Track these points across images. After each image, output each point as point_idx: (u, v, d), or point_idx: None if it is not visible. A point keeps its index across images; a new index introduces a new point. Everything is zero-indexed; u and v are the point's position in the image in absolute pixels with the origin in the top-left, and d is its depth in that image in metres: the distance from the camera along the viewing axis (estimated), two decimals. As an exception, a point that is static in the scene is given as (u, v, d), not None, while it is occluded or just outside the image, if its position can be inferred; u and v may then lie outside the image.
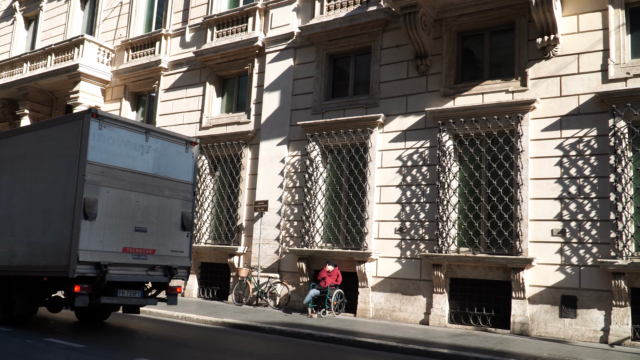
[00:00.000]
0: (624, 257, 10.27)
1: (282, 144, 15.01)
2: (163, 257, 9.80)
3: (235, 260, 15.29)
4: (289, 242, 14.55)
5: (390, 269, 12.89)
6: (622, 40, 11.05)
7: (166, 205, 9.97)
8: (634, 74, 10.78)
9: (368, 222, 13.23)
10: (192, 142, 10.61)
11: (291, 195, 14.71)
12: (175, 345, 8.92)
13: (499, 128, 11.90)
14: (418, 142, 12.97)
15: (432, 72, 13.03)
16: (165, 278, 9.85)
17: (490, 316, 11.67)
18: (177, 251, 10.06)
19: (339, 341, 9.85)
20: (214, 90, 17.12)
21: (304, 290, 13.89)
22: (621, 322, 10.22)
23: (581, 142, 11.12)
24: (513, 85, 12.00)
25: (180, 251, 10.11)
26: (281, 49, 15.55)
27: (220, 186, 16.46)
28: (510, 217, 11.60)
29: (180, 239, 10.17)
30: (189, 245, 10.35)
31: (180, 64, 17.98)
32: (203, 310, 13.06)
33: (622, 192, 10.47)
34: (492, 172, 12.00)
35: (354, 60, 14.60)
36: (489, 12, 12.39)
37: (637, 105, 10.51)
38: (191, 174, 10.50)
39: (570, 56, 11.47)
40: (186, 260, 10.22)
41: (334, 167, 14.26)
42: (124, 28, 19.97)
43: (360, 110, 13.92)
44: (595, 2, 11.39)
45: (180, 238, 10.18)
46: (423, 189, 12.74)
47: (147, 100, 19.22)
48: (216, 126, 16.67)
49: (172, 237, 10.05)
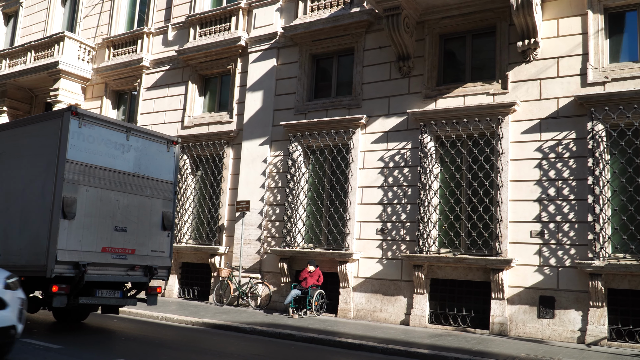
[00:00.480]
0: (601, 259, 10.42)
1: (265, 144, 14.98)
2: (143, 257, 9.73)
3: (216, 260, 15.23)
4: (270, 242, 14.53)
5: (372, 270, 12.94)
6: (600, 44, 11.22)
7: (147, 204, 9.89)
8: (612, 78, 10.94)
9: (350, 223, 13.26)
10: (173, 141, 10.55)
11: (273, 195, 14.69)
12: (155, 345, 8.86)
13: (479, 130, 12.01)
14: (400, 144, 13.03)
15: (415, 73, 13.11)
16: (145, 278, 9.77)
17: (470, 316, 11.77)
18: (158, 251, 9.99)
19: (320, 341, 9.86)
20: (196, 89, 17.03)
21: (285, 290, 13.87)
22: (598, 322, 10.37)
23: (560, 145, 11.27)
24: (494, 87, 12.12)
25: (160, 251, 10.04)
26: (264, 48, 15.52)
27: (201, 186, 16.38)
28: (490, 219, 11.71)
29: (160, 238, 10.10)
30: (170, 245, 10.29)
31: (163, 63, 17.86)
32: (183, 310, 12.98)
33: (600, 195, 10.63)
34: (472, 174, 12.10)
35: (337, 61, 14.63)
36: (471, 15, 12.49)
37: (615, 109, 10.67)
38: (172, 174, 10.44)
39: (550, 60, 11.62)
40: (167, 260, 10.15)
41: (316, 168, 14.27)
42: (106, 25, 19.78)
43: (342, 111, 13.95)
44: (575, 6, 11.54)
45: (161, 238, 10.11)
46: (404, 190, 12.80)
47: (129, 99, 19.06)
48: (198, 125, 16.59)
49: (153, 236, 9.97)
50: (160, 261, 10.00)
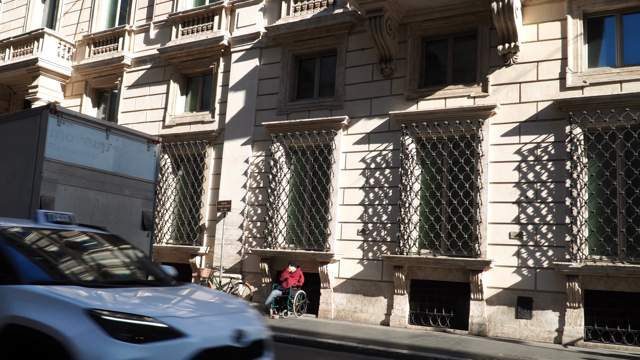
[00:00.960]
0: (578, 260, 10.58)
1: (247, 144, 14.95)
2: None
3: (197, 260, 15.15)
4: (251, 242, 14.50)
5: (352, 270, 12.98)
6: (579, 49, 11.39)
7: (126, 204, 9.82)
8: (590, 82, 11.12)
9: (331, 224, 13.29)
10: (154, 140, 10.49)
11: (255, 195, 14.67)
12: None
13: (460, 132, 12.12)
14: (381, 145, 13.09)
15: (397, 75, 13.18)
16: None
17: (450, 317, 11.87)
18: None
19: (300, 342, 9.87)
20: (178, 88, 16.93)
21: (266, 291, 13.85)
22: (574, 323, 10.53)
23: (539, 148, 11.42)
24: (475, 90, 12.23)
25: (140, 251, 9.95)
26: (247, 48, 15.49)
27: (182, 185, 16.28)
28: (470, 220, 11.82)
29: (140, 238, 10.03)
30: (150, 245, 10.24)
31: (144, 61, 17.72)
32: (163, 310, 12.87)
33: (577, 197, 10.79)
34: (453, 176, 12.20)
35: (320, 62, 14.65)
36: (453, 19, 12.60)
37: (593, 113, 10.84)
38: (153, 173, 10.38)
39: (530, 64, 11.77)
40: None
41: (298, 168, 14.27)
42: (86, 22, 19.56)
43: (325, 112, 13.97)
44: (554, 11, 11.71)
45: (141, 238, 10.05)
46: (386, 191, 12.86)
47: (109, 97, 18.87)
48: (180, 125, 16.49)
49: (132, 236, 9.89)
50: None
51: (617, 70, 11.05)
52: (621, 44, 11.28)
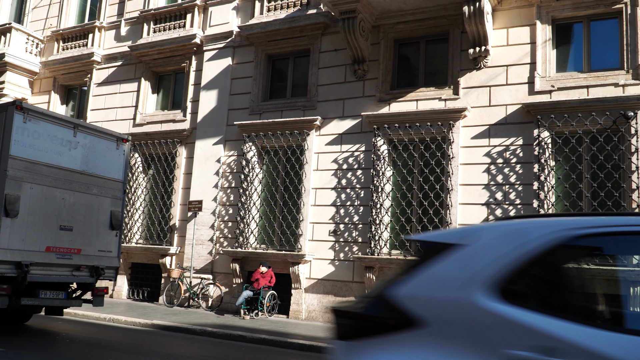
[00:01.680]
0: (544, 261, 10.76)
1: (219, 143, 14.85)
2: (89, 257, 9.50)
3: (167, 260, 14.99)
4: (223, 243, 14.40)
5: (324, 271, 12.99)
6: (548, 54, 11.61)
7: (94, 203, 9.67)
8: (558, 87, 11.34)
9: (303, 224, 13.29)
10: (123, 138, 10.34)
11: (226, 195, 14.58)
12: (101, 348, 8.67)
13: (431, 134, 12.24)
14: (354, 146, 13.14)
15: (369, 77, 13.24)
16: (92, 279, 9.55)
17: (419, 317, 11.95)
18: (105, 251, 9.78)
19: (271, 343, 9.85)
20: (149, 86, 16.73)
21: (237, 291, 13.78)
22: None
23: (508, 151, 11.60)
24: (446, 93, 12.36)
25: (108, 251, 9.84)
26: (220, 47, 15.38)
27: (153, 185, 16.09)
28: (440, 221, 11.94)
29: (108, 238, 9.89)
30: (118, 244, 10.09)
31: (115, 58, 17.47)
32: (132, 311, 12.73)
33: (544, 199, 11.00)
34: (424, 177, 12.31)
35: (293, 62, 14.64)
36: (425, 22, 12.72)
37: (560, 117, 11.06)
38: (122, 172, 10.24)
39: (500, 68, 11.95)
40: (114, 260, 9.95)
41: (270, 169, 14.24)
42: (55, 18, 19.20)
43: (297, 112, 13.96)
44: (524, 17, 11.91)
45: (109, 237, 9.90)
46: (357, 192, 12.92)
47: (78, 94, 18.55)
48: (150, 123, 16.30)
49: (100, 236, 9.75)
50: (108, 261, 9.79)
51: (584, 75, 11.29)
52: (588, 50, 11.53)
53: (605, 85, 10.96)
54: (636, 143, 10.46)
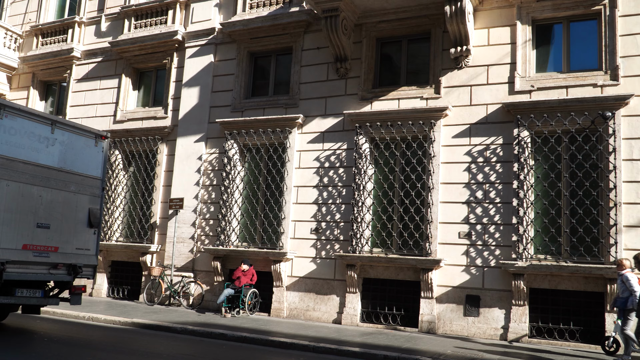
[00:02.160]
0: (523, 259, 10.90)
1: (200, 141, 14.76)
2: (67, 255, 9.41)
3: (147, 258, 14.88)
4: (204, 240, 14.34)
5: (305, 269, 13.00)
6: (528, 54, 11.73)
7: (72, 200, 9.57)
8: (537, 87, 11.46)
9: (284, 222, 13.28)
10: (102, 135, 10.26)
11: (208, 193, 14.51)
12: (80, 347, 8.57)
13: (413, 133, 12.30)
14: (336, 144, 13.16)
15: (351, 75, 13.26)
16: (69, 277, 9.46)
17: (400, 315, 12.04)
18: (83, 249, 9.69)
19: (252, 341, 9.83)
20: (130, 83, 16.57)
21: (218, 289, 13.73)
22: (520, 320, 10.85)
23: (488, 150, 11.70)
24: (427, 92, 12.43)
25: (86, 249, 9.75)
26: (202, 44, 15.29)
27: (134, 182, 15.95)
28: (421, 220, 12.02)
29: (86, 236, 9.80)
30: (96, 242, 10.01)
31: (95, 54, 17.27)
32: (112, 310, 12.62)
33: (524, 198, 11.12)
34: (405, 176, 12.37)
35: (275, 60, 14.61)
36: (407, 21, 12.77)
37: (540, 116, 11.19)
38: (100, 169, 10.16)
39: (481, 67, 12.04)
40: (92, 258, 9.87)
41: (252, 166, 14.20)
42: (34, 12, 18.93)
43: (279, 110, 13.94)
44: (504, 17, 12.01)
45: (87, 235, 9.81)
46: (339, 190, 12.94)
47: (58, 90, 18.32)
48: (131, 120, 16.15)
49: (78, 234, 9.66)
50: (86, 259, 9.71)
51: (564, 75, 11.43)
52: (568, 51, 11.67)
53: (584, 86, 11.11)
54: (614, 143, 10.61)
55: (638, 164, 10.50)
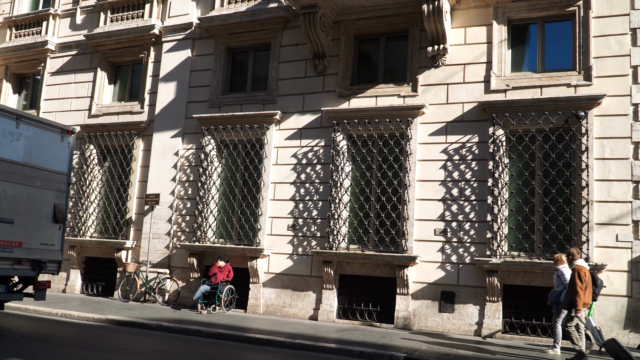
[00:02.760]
0: (497, 256, 11.06)
1: (177, 136, 14.65)
2: (31, 250, 9.36)
3: (122, 255, 14.73)
4: (180, 237, 14.24)
5: (282, 265, 13.00)
6: (503, 54, 11.87)
7: (37, 196, 9.50)
8: (512, 86, 11.61)
9: (261, 219, 13.26)
10: (68, 130, 10.21)
11: (184, 189, 14.41)
12: (53, 344, 8.47)
13: (390, 131, 12.37)
14: (313, 141, 13.17)
15: (329, 72, 13.28)
16: (33, 272, 9.43)
17: (376, 311, 12.12)
18: (48, 244, 9.65)
19: (228, 337, 9.81)
20: (105, 76, 16.36)
21: (194, 286, 13.67)
22: (493, 316, 11.00)
23: (464, 148, 11.83)
24: (405, 90, 12.51)
25: (51, 244, 9.71)
26: (179, 39, 15.16)
27: (109, 177, 15.77)
28: (397, 217, 12.10)
29: (51, 231, 9.74)
30: (61, 238, 10.00)
31: (70, 47, 17.01)
32: (86, 306, 12.48)
33: (498, 196, 11.27)
34: (382, 173, 12.44)
35: (254, 56, 14.55)
36: (385, 19, 12.82)
37: (515, 115, 11.34)
38: (66, 164, 10.12)
39: (457, 66, 12.15)
40: (57, 253, 9.85)
41: (229, 162, 14.14)
42: (7, 4, 18.55)
43: (257, 106, 13.89)
44: (481, 17, 12.13)
45: (52, 230, 9.75)
46: (316, 187, 12.96)
47: (32, 83, 18.00)
48: (107, 115, 15.95)
49: (43, 229, 9.60)
50: (50, 255, 9.67)
51: (538, 75, 11.60)
52: (542, 51, 11.84)
53: (558, 86, 11.29)
54: (586, 142, 10.81)
55: (610, 163, 10.72)
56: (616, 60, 10.99)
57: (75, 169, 15.90)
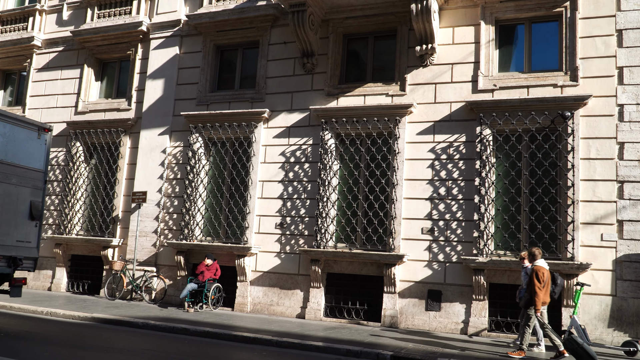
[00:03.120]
0: (484, 255, 11.13)
1: (164, 134, 14.58)
2: (7, 247, 9.35)
3: (109, 252, 14.63)
4: (167, 235, 14.18)
5: (270, 264, 12.99)
6: (491, 54, 11.94)
7: (13, 193, 9.48)
8: (500, 86, 11.68)
9: (249, 217, 13.24)
10: (45, 128, 10.21)
11: (172, 187, 14.34)
12: (38, 342, 8.40)
13: (378, 129, 12.39)
14: (301, 139, 13.17)
15: (318, 71, 13.28)
16: (9, 269, 9.42)
17: (364, 310, 12.15)
18: (24, 241, 9.64)
19: (215, 335, 9.79)
20: (92, 73, 16.23)
21: (181, 284, 13.62)
22: (479, 314, 11.07)
23: (451, 147, 11.88)
24: (393, 89, 12.54)
25: (27, 241, 9.70)
26: (167, 36, 15.08)
27: (95, 175, 15.66)
28: (385, 215, 12.13)
29: (27, 228, 9.73)
30: (38, 235, 10.01)
31: (56, 43, 16.86)
32: (71, 305, 12.39)
33: (485, 195, 11.34)
34: (370, 172, 12.47)
35: (242, 54, 14.51)
36: (374, 18, 12.84)
37: (502, 115, 11.41)
38: (43, 162, 10.13)
39: (445, 65, 12.20)
40: (33, 250, 9.85)
41: (217, 160, 14.09)
42: (-7, -1, 18.35)
43: (245, 104, 13.86)
44: (469, 17, 12.19)
45: (28, 228, 9.74)
46: (304, 185, 12.96)
47: (17, 80, 17.82)
48: (93, 111, 15.83)
49: (19, 226, 9.60)
50: (26, 252, 9.66)
51: (525, 75, 11.67)
52: (529, 51, 11.92)
53: (545, 86, 11.37)
54: (572, 142, 10.90)
55: (595, 163, 10.82)
56: (602, 61, 11.09)
57: (62, 166, 15.78)
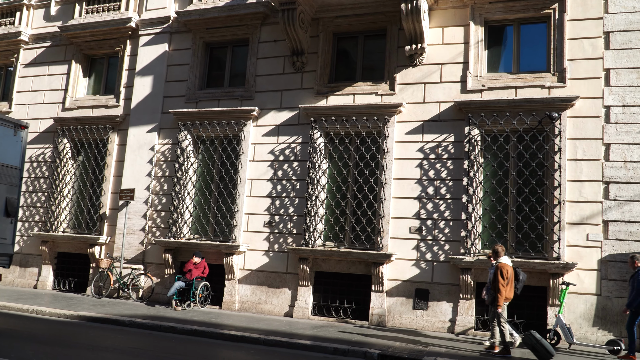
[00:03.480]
0: (471, 254, 11.19)
1: (153, 131, 14.50)
2: None
3: (96, 250, 14.54)
4: (155, 232, 14.11)
5: (258, 262, 12.98)
6: (480, 54, 12.00)
7: None
8: (488, 86, 11.75)
9: (238, 215, 13.21)
10: (21, 125, 10.24)
11: (160, 184, 14.27)
12: (22, 340, 8.33)
13: (367, 129, 12.42)
14: (291, 138, 13.16)
15: (308, 69, 13.27)
16: None
17: (351, 308, 12.18)
18: None
19: (202, 334, 9.76)
20: (80, 69, 16.11)
21: (169, 282, 13.56)
22: (466, 313, 11.14)
23: (440, 147, 11.93)
24: (382, 88, 12.57)
25: (2, 238, 9.72)
26: (156, 32, 14.99)
27: (82, 172, 15.54)
28: (373, 214, 12.17)
29: (2, 225, 9.78)
30: (13, 232, 10.05)
31: (44, 39, 16.70)
32: (57, 303, 12.30)
33: (473, 195, 11.40)
34: (359, 171, 12.49)
35: (232, 51, 14.46)
36: (364, 17, 12.86)
37: (490, 115, 11.48)
38: (19, 159, 10.14)
39: (435, 65, 12.25)
40: (8, 247, 9.91)
41: (206, 158, 14.05)
42: (-21, -7, 18.14)
43: (235, 102, 13.83)
44: (458, 17, 12.24)
45: (3, 224, 9.78)
46: (293, 183, 12.96)
47: (4, 75, 17.63)
48: (81, 108, 15.71)
49: None
50: (2, 248, 9.74)
51: (513, 76, 11.75)
52: (518, 52, 11.99)
53: (533, 87, 11.45)
54: (559, 143, 10.99)
55: (581, 164, 10.92)
56: (589, 63, 11.19)
57: (49, 163, 15.66)
